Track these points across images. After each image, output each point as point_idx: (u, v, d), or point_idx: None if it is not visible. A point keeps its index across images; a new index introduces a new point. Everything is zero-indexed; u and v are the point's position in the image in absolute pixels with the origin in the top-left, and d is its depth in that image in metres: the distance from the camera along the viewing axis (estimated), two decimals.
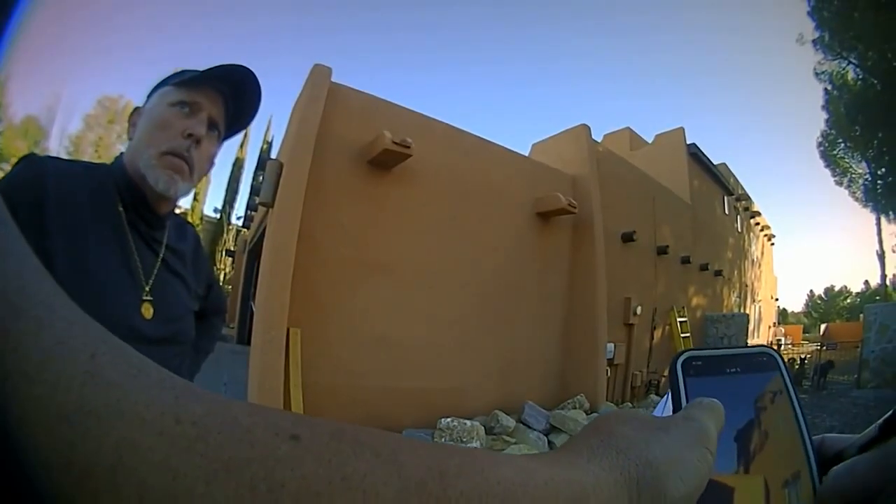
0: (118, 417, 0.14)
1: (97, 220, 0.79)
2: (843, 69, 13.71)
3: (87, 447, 0.14)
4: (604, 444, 0.22)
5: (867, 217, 17.86)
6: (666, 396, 0.37)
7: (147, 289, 0.84)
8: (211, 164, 0.92)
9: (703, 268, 10.41)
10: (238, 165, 24.44)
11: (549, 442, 4.50)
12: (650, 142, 12.94)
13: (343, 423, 0.18)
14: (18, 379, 0.14)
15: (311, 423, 0.17)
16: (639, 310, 7.19)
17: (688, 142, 11.86)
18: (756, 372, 0.32)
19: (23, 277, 0.17)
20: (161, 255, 0.89)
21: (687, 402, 0.29)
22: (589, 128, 6.55)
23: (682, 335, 8.66)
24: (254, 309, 4.84)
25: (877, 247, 19.61)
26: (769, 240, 20.19)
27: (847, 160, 16.04)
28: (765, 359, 0.32)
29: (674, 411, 0.28)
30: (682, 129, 12.09)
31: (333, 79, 4.14)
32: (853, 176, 16.21)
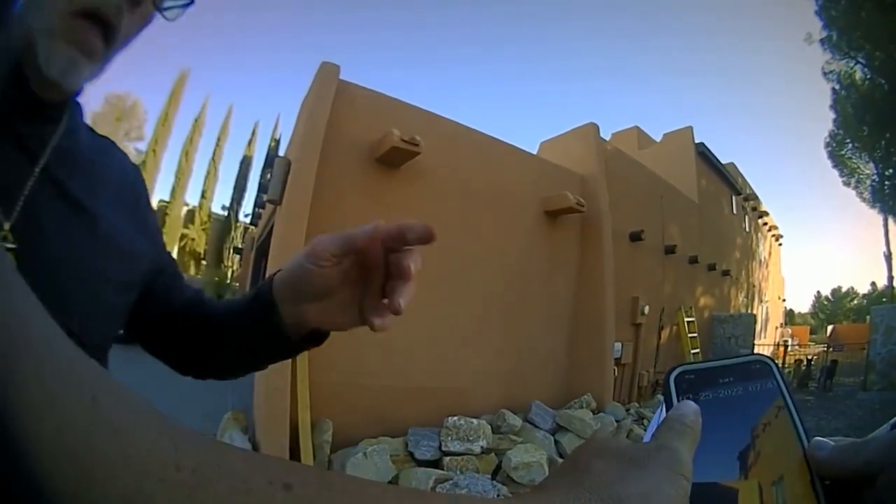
0: (124, 464, 0.15)
1: None
2: (851, 69, 13.61)
3: (95, 492, 0.15)
4: (577, 484, 0.23)
5: (874, 218, 17.77)
6: (658, 412, 0.37)
7: (8, 226, 0.44)
8: (143, 27, 0.52)
9: (711, 268, 10.37)
10: (246, 163, 24.56)
11: (556, 441, 4.50)
12: (658, 141, 12.90)
13: (331, 471, 0.20)
14: (26, 418, 0.15)
15: (302, 471, 0.19)
16: (646, 309, 7.16)
17: (696, 141, 11.81)
18: (751, 380, 0.32)
19: (19, 310, 0.16)
20: (41, 164, 0.48)
21: None
22: (597, 126, 6.53)
23: (690, 335, 8.64)
24: None
25: (884, 248, 19.55)
26: (777, 240, 20.12)
27: (854, 160, 15.93)
28: (759, 366, 0.33)
29: None
30: (690, 128, 12.04)
31: (342, 76, 4.14)
32: (861, 176, 16.10)
